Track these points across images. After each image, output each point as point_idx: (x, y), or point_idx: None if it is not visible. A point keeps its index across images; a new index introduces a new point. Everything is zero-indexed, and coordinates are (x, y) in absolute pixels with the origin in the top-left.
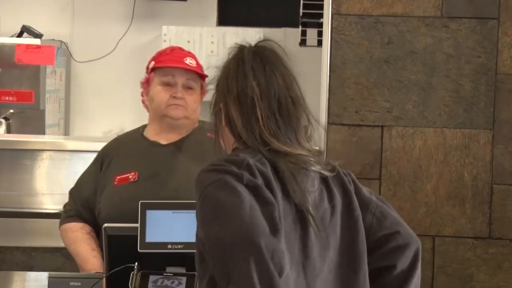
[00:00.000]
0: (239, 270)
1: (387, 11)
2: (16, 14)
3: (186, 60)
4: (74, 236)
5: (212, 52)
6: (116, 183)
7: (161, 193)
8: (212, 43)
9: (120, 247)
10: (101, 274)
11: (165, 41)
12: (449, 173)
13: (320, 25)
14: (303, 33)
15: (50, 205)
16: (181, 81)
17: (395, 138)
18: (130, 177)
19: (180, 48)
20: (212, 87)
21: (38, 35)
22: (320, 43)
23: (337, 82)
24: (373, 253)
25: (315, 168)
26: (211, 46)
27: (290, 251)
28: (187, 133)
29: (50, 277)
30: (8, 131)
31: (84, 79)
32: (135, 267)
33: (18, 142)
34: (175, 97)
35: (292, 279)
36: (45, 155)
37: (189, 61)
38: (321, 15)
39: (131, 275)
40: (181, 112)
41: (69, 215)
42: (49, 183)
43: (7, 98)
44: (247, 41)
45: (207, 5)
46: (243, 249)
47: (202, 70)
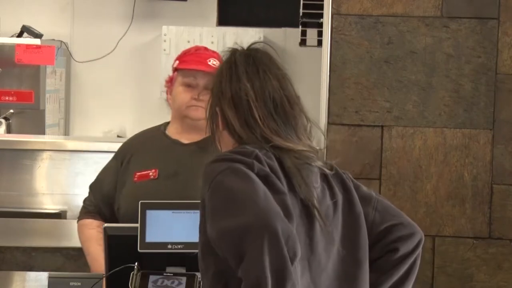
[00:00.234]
0: (251, 251)
1: (387, 11)
2: (16, 14)
3: (209, 61)
4: (90, 234)
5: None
6: (136, 179)
7: (180, 192)
8: (212, 43)
9: (120, 247)
10: (101, 274)
11: (165, 41)
12: (449, 173)
13: (320, 25)
14: (303, 33)
15: (50, 205)
16: (202, 83)
17: (395, 138)
18: (151, 174)
19: (205, 48)
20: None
21: (38, 35)
22: (320, 43)
23: (337, 82)
24: (376, 244)
25: (317, 164)
26: (211, 46)
27: None
28: (208, 133)
29: (50, 277)
30: (8, 131)
31: (84, 79)
32: (135, 267)
33: (18, 142)
34: (195, 98)
35: (298, 273)
36: (45, 155)
37: (212, 62)
38: (321, 15)
39: (131, 275)
40: (201, 113)
41: (89, 210)
42: (49, 183)
43: (7, 98)
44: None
45: (207, 5)
46: (258, 232)
47: None
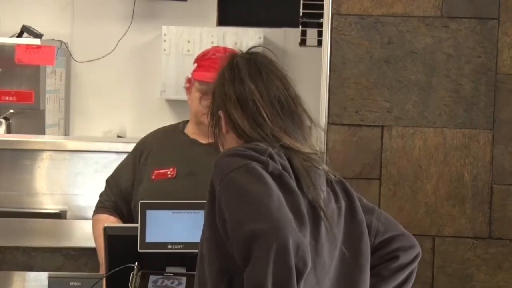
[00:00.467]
0: (257, 257)
1: (387, 11)
2: (16, 14)
3: None
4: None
5: None
6: (153, 177)
7: (197, 192)
8: (212, 43)
9: (120, 247)
10: (101, 274)
11: (165, 41)
12: (449, 173)
13: (320, 25)
14: (303, 33)
15: (50, 205)
16: None
17: (395, 138)
18: (168, 173)
19: (224, 49)
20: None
21: (38, 35)
22: (320, 43)
23: (337, 82)
24: (377, 252)
25: (323, 168)
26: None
27: None
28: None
29: (50, 277)
30: (8, 131)
31: (84, 79)
32: (135, 267)
33: (18, 142)
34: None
35: (309, 282)
36: (45, 155)
37: None
38: (321, 15)
39: (131, 275)
40: None
41: (105, 205)
42: (49, 183)
43: (7, 98)
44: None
45: (207, 5)
46: (267, 240)
47: None
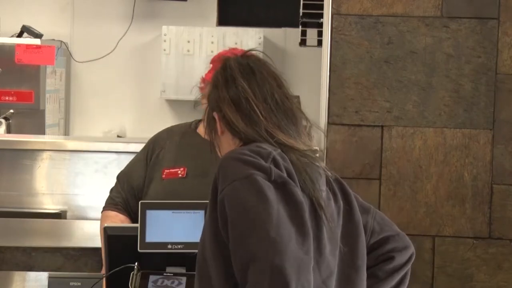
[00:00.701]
0: (254, 283)
1: (387, 11)
2: (16, 14)
3: None
4: None
5: (212, 52)
6: (164, 176)
7: (207, 192)
8: (212, 43)
9: (120, 247)
10: (101, 274)
11: (165, 41)
12: (449, 173)
13: (320, 25)
14: (303, 33)
15: (50, 205)
16: None
17: (395, 138)
18: (179, 172)
19: (242, 51)
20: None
21: (38, 35)
22: (320, 43)
23: (337, 82)
24: (372, 252)
25: (321, 165)
26: (211, 46)
27: None
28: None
29: (50, 277)
30: (8, 131)
31: (84, 79)
32: (135, 267)
33: (18, 142)
34: None
35: None
36: (45, 155)
37: None
38: (321, 15)
39: (131, 275)
40: None
41: (115, 202)
42: (49, 183)
43: (7, 98)
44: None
45: (207, 5)
46: (262, 266)
47: None
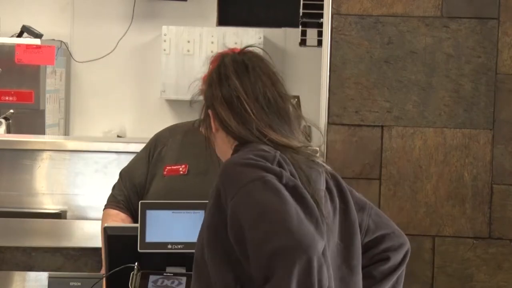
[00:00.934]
0: (280, 275)
1: (387, 11)
2: (16, 14)
3: None
4: None
5: (212, 52)
6: (165, 173)
7: (208, 190)
8: (212, 43)
9: (120, 247)
10: (101, 274)
11: (165, 41)
12: (449, 173)
13: (320, 25)
14: (303, 33)
15: (50, 205)
16: None
17: (395, 138)
18: (181, 169)
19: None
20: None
21: (38, 35)
22: (320, 43)
23: (337, 82)
24: (367, 252)
25: (319, 161)
26: (211, 46)
27: None
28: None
29: (50, 277)
30: (8, 131)
31: (84, 79)
32: (135, 267)
33: (18, 142)
34: None
35: None
36: (45, 155)
37: None
38: (321, 15)
39: (131, 275)
40: None
41: (117, 200)
42: (49, 183)
43: (7, 98)
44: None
45: (207, 5)
46: (290, 257)
47: None
